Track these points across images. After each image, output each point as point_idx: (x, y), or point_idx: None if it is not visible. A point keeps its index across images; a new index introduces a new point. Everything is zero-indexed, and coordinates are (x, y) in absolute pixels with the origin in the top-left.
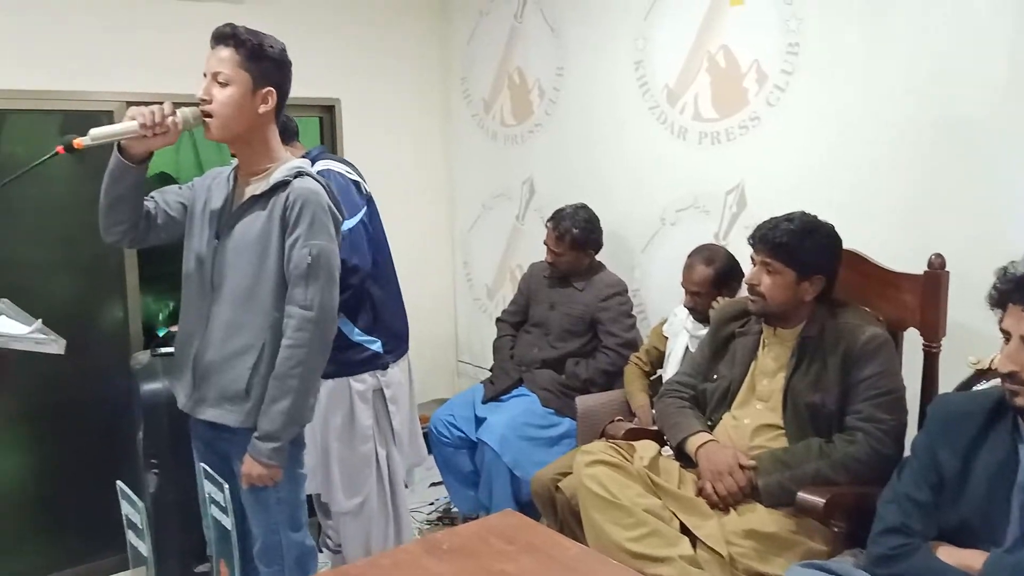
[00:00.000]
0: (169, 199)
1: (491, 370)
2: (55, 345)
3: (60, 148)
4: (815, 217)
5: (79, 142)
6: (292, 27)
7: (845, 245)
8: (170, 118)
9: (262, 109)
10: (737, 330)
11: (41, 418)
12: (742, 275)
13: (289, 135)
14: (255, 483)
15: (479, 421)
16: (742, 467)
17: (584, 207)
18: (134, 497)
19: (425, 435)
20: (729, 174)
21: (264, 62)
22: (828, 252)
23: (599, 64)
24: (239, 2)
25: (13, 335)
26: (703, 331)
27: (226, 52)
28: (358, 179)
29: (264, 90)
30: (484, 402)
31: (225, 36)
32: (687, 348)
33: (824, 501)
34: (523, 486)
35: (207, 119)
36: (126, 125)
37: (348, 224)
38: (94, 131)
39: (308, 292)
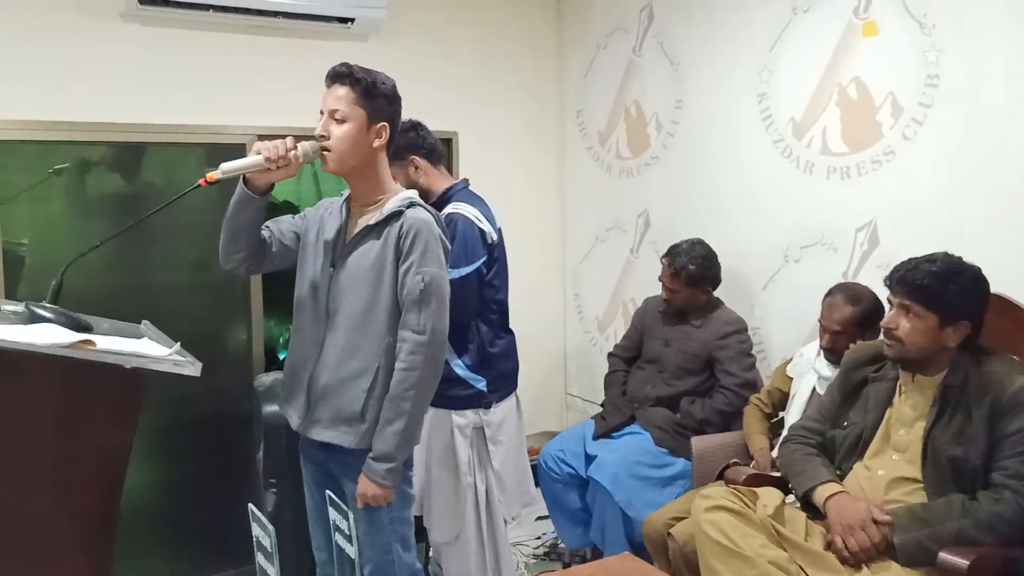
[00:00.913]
0: (283, 228)
1: (602, 405)
2: (191, 367)
3: (202, 180)
4: (960, 259)
5: (211, 175)
6: (413, 63)
7: (993, 289)
8: (292, 152)
9: (376, 144)
10: (871, 375)
11: (166, 434)
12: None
13: (436, 158)
14: (369, 503)
15: (589, 458)
16: (876, 522)
17: (701, 242)
18: (265, 520)
19: (533, 468)
20: (860, 210)
21: (377, 99)
22: (974, 296)
23: (720, 97)
24: (364, 39)
25: (155, 356)
26: (833, 373)
27: (342, 90)
28: (487, 227)
29: (378, 125)
30: (595, 438)
31: (341, 75)
32: (814, 390)
33: (968, 563)
34: (636, 526)
35: (325, 153)
36: (252, 159)
37: (462, 271)
38: (224, 165)
39: (421, 317)
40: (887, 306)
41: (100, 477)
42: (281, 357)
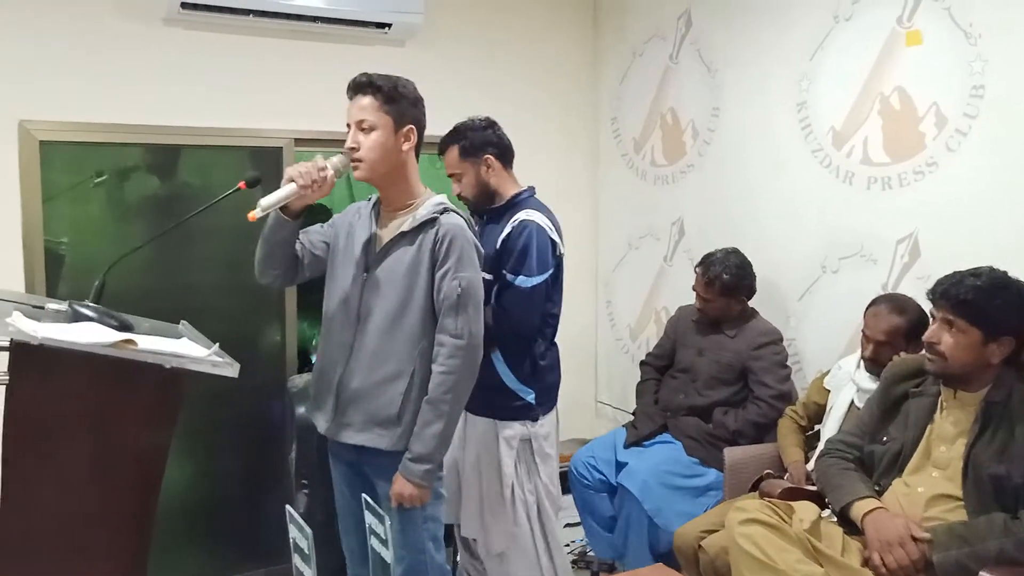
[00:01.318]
0: (314, 239)
1: (633, 413)
2: (230, 368)
3: (242, 184)
4: (1005, 273)
5: (252, 215)
6: (449, 68)
7: None
8: (323, 172)
9: (405, 146)
10: (911, 390)
11: (199, 432)
12: None
13: (508, 160)
14: (405, 503)
15: (620, 465)
16: (915, 539)
17: (735, 251)
18: (302, 522)
19: (563, 475)
20: (901, 222)
21: (401, 102)
22: (1019, 311)
23: (758, 105)
24: (400, 44)
25: (193, 357)
26: (874, 386)
27: (366, 100)
28: (557, 239)
29: (405, 128)
30: (626, 446)
31: (363, 85)
32: (851, 403)
33: None
34: (662, 535)
35: (356, 163)
36: (288, 189)
37: (533, 280)
38: (263, 202)
39: (458, 321)
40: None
41: (138, 475)
42: (313, 359)
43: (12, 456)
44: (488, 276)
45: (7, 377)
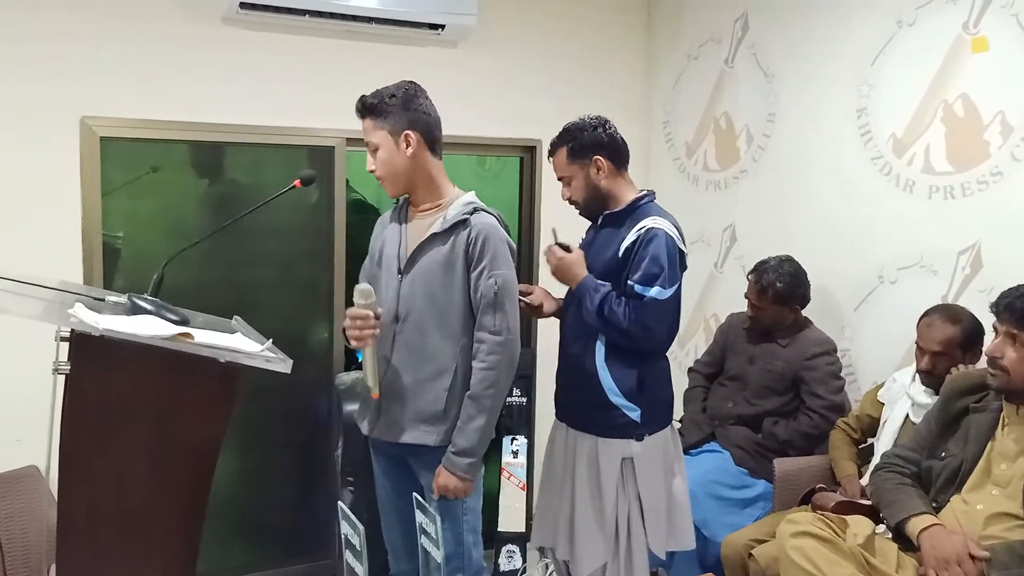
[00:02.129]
0: (372, 274)
1: (680, 421)
2: (282, 364)
3: (297, 182)
4: None
5: (376, 395)
6: (501, 70)
7: None
8: (356, 314)
9: (409, 152)
10: (972, 405)
11: (245, 426)
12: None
13: (622, 161)
14: (448, 495)
15: None
16: (973, 557)
17: (789, 259)
18: (354, 519)
19: None
20: (963, 232)
21: (391, 112)
22: None
23: (816, 110)
24: (453, 46)
25: (248, 351)
26: (930, 400)
27: (365, 123)
28: (684, 246)
29: (403, 135)
30: None
31: (359, 111)
32: (907, 417)
33: None
34: (708, 546)
35: (381, 182)
36: (366, 356)
37: (665, 293)
38: (369, 383)
39: (496, 319)
40: (990, 332)
41: (192, 465)
42: (359, 358)
43: (72, 443)
44: (604, 284)
45: (68, 366)
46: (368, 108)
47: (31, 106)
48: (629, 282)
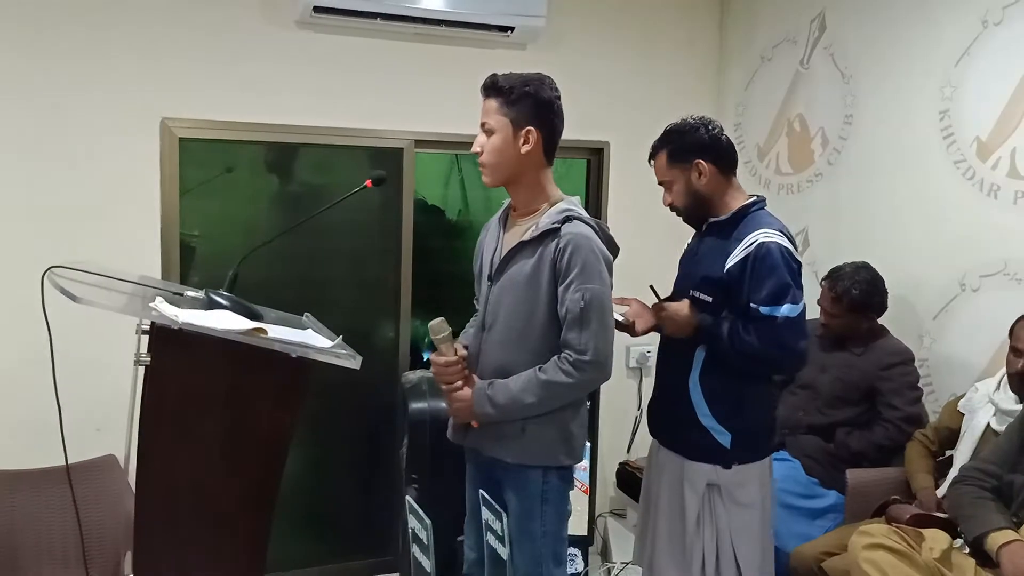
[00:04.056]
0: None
1: None
2: (352, 361)
3: (368, 182)
4: None
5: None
6: (570, 71)
7: None
8: (439, 358)
9: (524, 149)
10: None
11: (310, 421)
12: None
13: (727, 165)
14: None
15: None
16: None
17: (866, 266)
18: (422, 513)
19: None
20: None
21: (521, 103)
22: None
23: (896, 112)
24: (522, 48)
25: (318, 347)
26: (1016, 407)
27: (489, 102)
28: (799, 256)
29: (524, 130)
30: None
31: (487, 88)
32: (988, 427)
33: None
34: (777, 555)
35: (481, 168)
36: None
37: (796, 310)
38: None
39: (582, 337)
40: None
41: (264, 457)
42: (426, 356)
43: (150, 432)
44: (707, 298)
45: (148, 358)
46: (497, 89)
47: (117, 109)
48: (753, 305)
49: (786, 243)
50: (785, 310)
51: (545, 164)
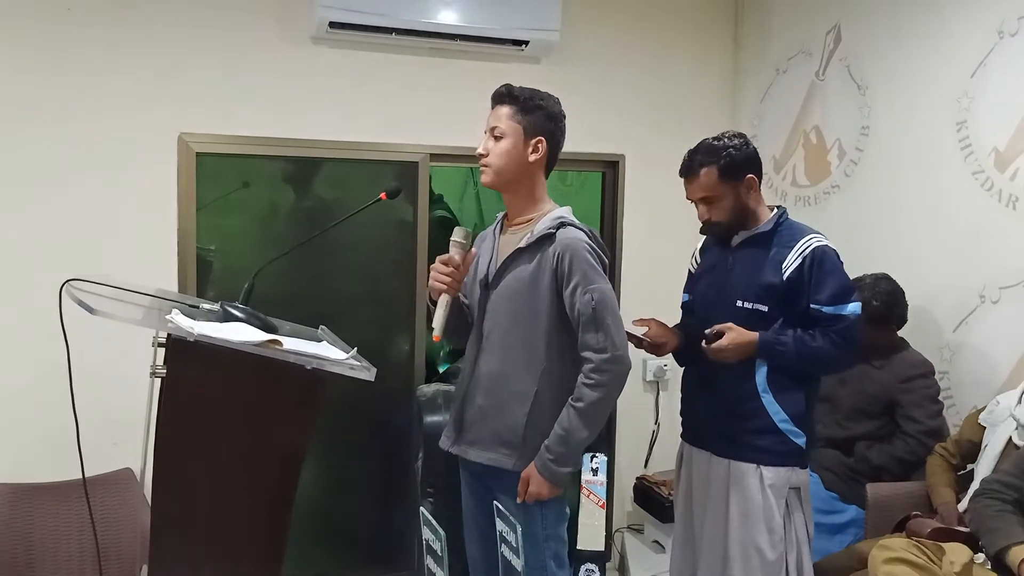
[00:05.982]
0: (468, 288)
1: None
2: (367, 372)
3: (383, 195)
4: None
5: (436, 337)
6: (584, 85)
7: None
8: (449, 261)
9: (532, 157)
10: None
11: (326, 434)
12: None
13: (762, 176)
14: (533, 499)
15: None
16: None
17: (886, 277)
18: (436, 524)
19: None
20: None
21: (535, 114)
22: None
23: (912, 123)
24: (536, 62)
25: (333, 359)
26: None
27: (502, 109)
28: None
29: (535, 139)
30: None
31: (502, 96)
32: (1009, 440)
33: None
34: None
35: (483, 168)
36: (441, 302)
37: (860, 307)
38: (435, 324)
39: (599, 336)
40: None
41: (279, 469)
42: (441, 370)
43: (166, 445)
44: (762, 307)
45: (164, 370)
46: (513, 97)
47: (135, 125)
48: (814, 307)
49: (833, 245)
50: (852, 307)
51: (544, 176)
